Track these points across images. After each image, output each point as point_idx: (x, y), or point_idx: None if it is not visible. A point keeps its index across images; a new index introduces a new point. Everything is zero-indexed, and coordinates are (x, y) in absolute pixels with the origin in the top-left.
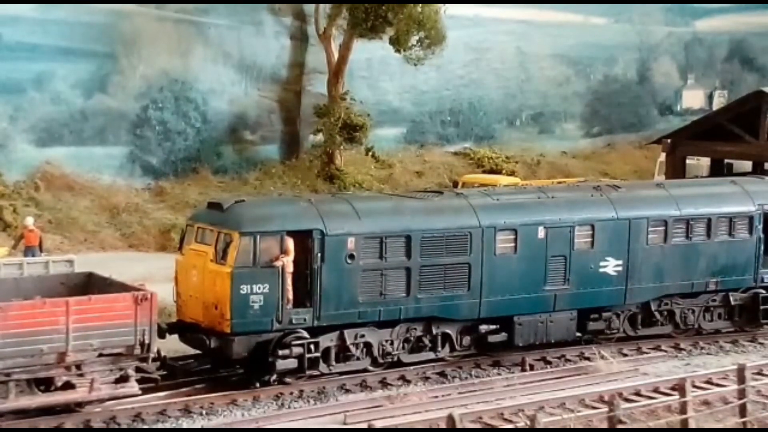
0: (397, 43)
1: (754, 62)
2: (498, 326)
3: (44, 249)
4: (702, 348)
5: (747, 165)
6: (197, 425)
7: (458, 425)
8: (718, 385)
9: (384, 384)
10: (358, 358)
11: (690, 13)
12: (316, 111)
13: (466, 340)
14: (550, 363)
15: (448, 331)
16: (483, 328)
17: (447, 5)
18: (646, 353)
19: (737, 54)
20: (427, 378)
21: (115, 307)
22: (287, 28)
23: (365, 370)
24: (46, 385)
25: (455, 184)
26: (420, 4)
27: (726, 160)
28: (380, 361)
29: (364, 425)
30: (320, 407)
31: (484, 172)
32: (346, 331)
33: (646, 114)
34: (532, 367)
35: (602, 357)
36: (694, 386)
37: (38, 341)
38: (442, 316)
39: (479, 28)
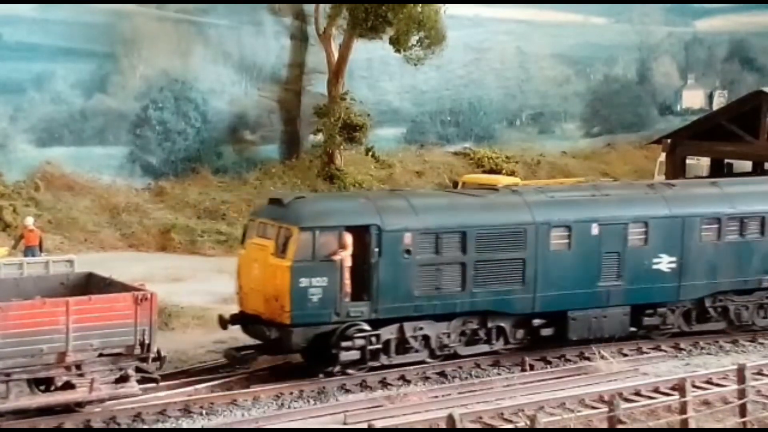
0: (397, 43)
1: (754, 62)
2: (551, 321)
3: (44, 249)
4: (702, 348)
5: (747, 165)
6: (197, 425)
7: (458, 425)
8: (718, 385)
9: (384, 384)
10: (416, 350)
11: (690, 13)
12: (316, 111)
13: (520, 333)
14: (550, 363)
15: (502, 324)
16: (536, 322)
17: (447, 5)
18: (646, 353)
19: (737, 54)
20: (427, 378)
21: (115, 307)
22: (287, 28)
23: (423, 362)
24: (46, 385)
25: (455, 184)
26: (420, 4)
27: (726, 160)
28: (438, 353)
29: (364, 425)
30: (320, 407)
31: (484, 172)
32: (405, 324)
33: (646, 114)
34: (532, 367)
35: (602, 357)
36: (694, 386)
37: (38, 341)
38: (496, 310)
39: (479, 28)
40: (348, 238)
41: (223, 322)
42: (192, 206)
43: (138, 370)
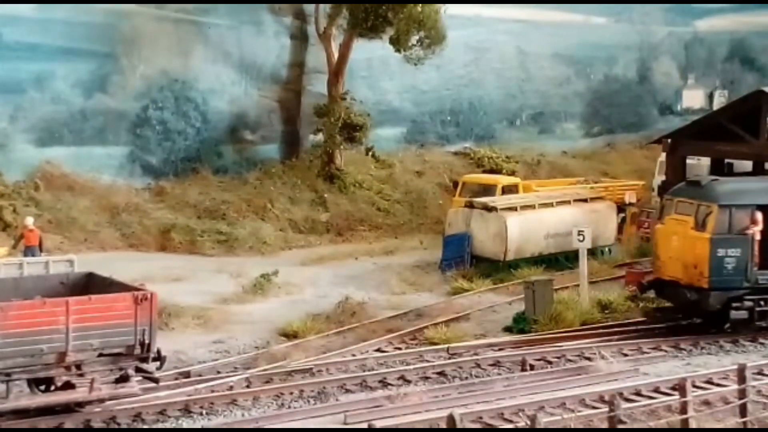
0: (397, 42)
1: (755, 62)
2: None
3: (44, 249)
4: (702, 348)
5: (747, 165)
6: (197, 425)
7: (458, 425)
8: (718, 384)
9: (384, 384)
10: None
11: (690, 13)
12: (316, 111)
13: None
14: (550, 363)
15: None
16: None
17: (447, 5)
18: (647, 353)
19: (737, 54)
20: (427, 378)
21: (115, 307)
22: (287, 27)
23: None
24: (46, 385)
25: (455, 184)
26: (420, 4)
27: (726, 160)
28: None
29: (364, 425)
30: (320, 407)
31: (484, 171)
32: None
33: (647, 114)
34: (532, 367)
35: (602, 357)
36: (695, 386)
37: (38, 341)
38: None
39: (479, 28)
40: (758, 215)
41: (641, 287)
42: (192, 206)
43: (138, 370)
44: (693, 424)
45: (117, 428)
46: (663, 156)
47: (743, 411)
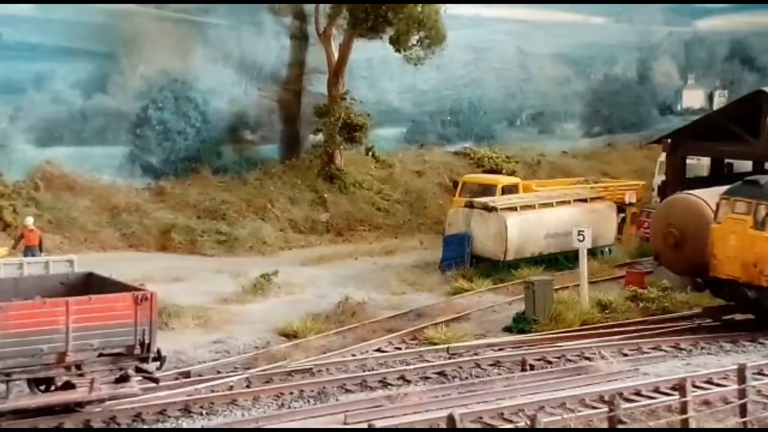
0: (397, 42)
1: (755, 62)
2: None
3: (44, 249)
4: (702, 348)
5: (747, 165)
6: (197, 425)
7: (458, 425)
8: (718, 384)
9: (384, 384)
10: None
11: (690, 13)
12: (316, 111)
13: None
14: (550, 363)
15: None
16: None
17: (447, 5)
18: (647, 353)
19: (737, 54)
20: (427, 378)
21: (115, 307)
22: (287, 27)
23: None
24: (46, 385)
25: (455, 184)
26: (420, 4)
27: (726, 160)
28: None
29: (364, 425)
30: (320, 407)
31: (484, 171)
32: None
33: (647, 114)
34: (532, 367)
35: (602, 357)
36: (695, 386)
37: (38, 341)
38: None
39: (479, 28)
40: None
41: (698, 286)
42: (192, 206)
43: (138, 370)
44: (693, 424)
45: (117, 428)
46: (663, 156)
47: (743, 411)
